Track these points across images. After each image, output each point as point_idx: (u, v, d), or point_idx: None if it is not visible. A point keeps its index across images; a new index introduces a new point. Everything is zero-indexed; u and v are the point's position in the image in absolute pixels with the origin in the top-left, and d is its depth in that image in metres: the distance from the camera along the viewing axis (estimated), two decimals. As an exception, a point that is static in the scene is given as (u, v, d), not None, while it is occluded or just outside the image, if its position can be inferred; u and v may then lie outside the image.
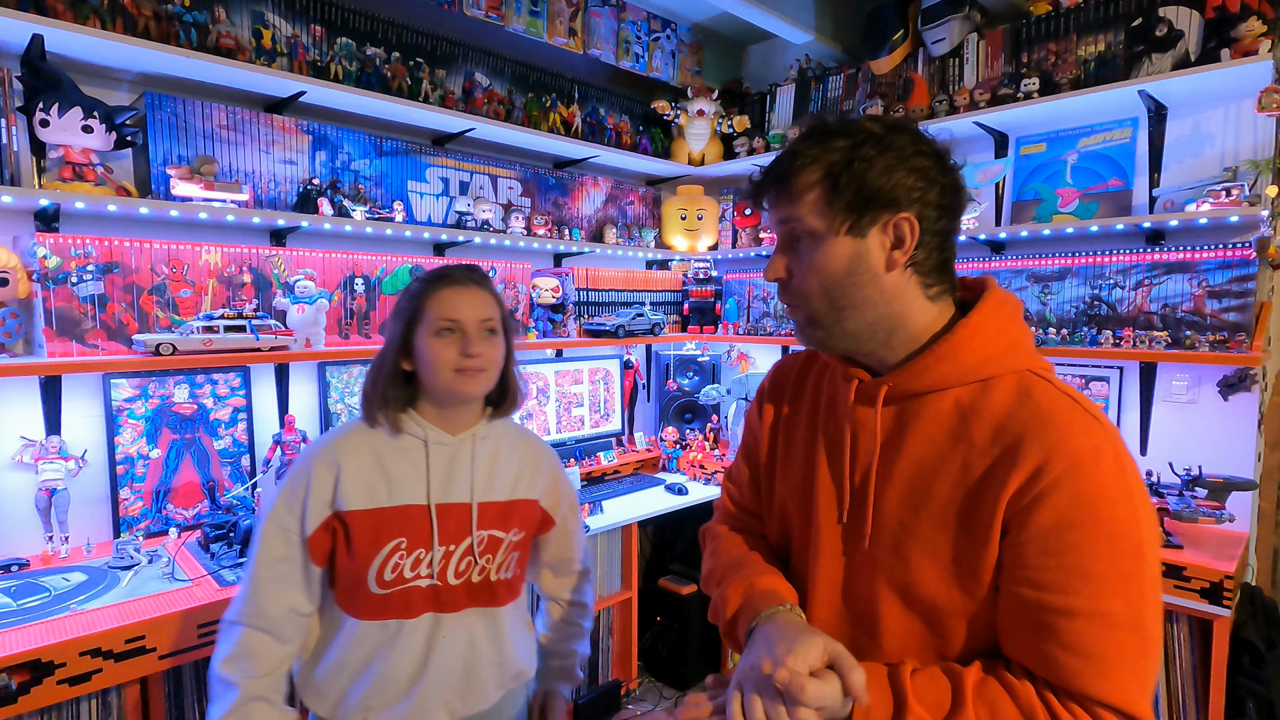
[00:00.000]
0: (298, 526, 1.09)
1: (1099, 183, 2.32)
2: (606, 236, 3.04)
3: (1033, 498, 0.69)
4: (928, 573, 0.76)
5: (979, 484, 0.73)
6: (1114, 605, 0.67)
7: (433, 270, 1.18)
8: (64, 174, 1.71)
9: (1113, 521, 0.68)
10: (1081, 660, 0.67)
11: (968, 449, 0.75)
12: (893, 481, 0.79)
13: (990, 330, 0.78)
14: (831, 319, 0.80)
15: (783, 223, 0.81)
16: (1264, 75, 1.90)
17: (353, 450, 1.13)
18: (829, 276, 0.78)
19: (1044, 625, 0.69)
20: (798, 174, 0.78)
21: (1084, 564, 0.68)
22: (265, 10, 2.07)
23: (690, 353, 3.22)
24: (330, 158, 2.25)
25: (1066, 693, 0.68)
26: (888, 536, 0.79)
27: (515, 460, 1.24)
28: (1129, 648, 0.67)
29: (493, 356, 1.15)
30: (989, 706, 0.69)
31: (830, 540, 0.84)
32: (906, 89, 2.65)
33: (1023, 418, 0.72)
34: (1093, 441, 0.70)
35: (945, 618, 0.76)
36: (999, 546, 0.71)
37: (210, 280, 1.99)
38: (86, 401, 1.89)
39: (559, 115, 2.72)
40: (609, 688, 2.55)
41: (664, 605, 2.81)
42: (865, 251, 0.77)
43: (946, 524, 0.75)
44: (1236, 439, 2.07)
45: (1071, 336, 2.26)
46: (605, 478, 2.89)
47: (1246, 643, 1.77)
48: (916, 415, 0.79)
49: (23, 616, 1.44)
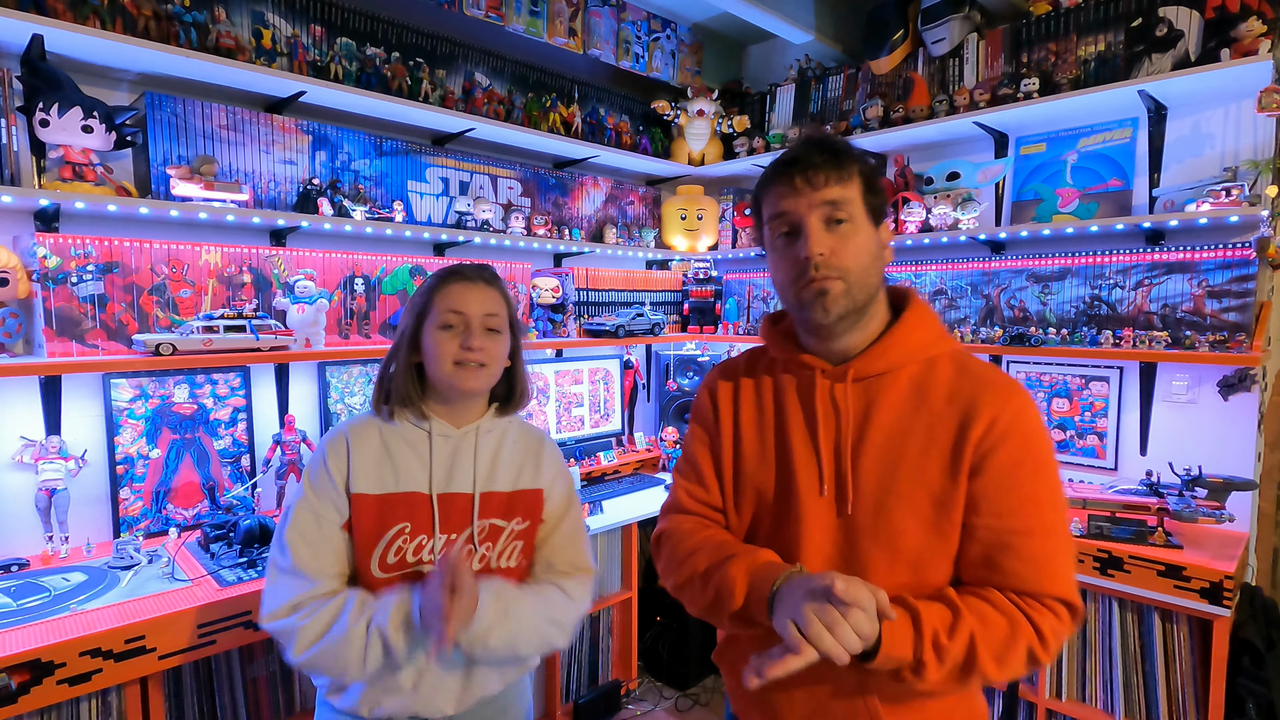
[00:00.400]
0: (332, 512, 1.13)
1: (1099, 183, 2.32)
2: (606, 236, 3.04)
3: (991, 443, 0.88)
4: (910, 524, 0.90)
5: (945, 438, 0.90)
6: (1051, 520, 0.89)
7: (446, 267, 1.22)
8: (64, 174, 1.71)
9: (1045, 458, 0.91)
10: (1036, 568, 0.87)
11: (928, 414, 0.92)
12: (866, 451, 0.93)
13: (925, 322, 0.98)
14: (861, 291, 0.93)
15: (831, 203, 0.91)
16: (1264, 75, 1.90)
17: (363, 435, 1.17)
18: (868, 255, 0.93)
19: (1005, 545, 0.88)
20: (850, 165, 0.92)
21: (1033, 492, 0.89)
22: (265, 10, 2.07)
23: (690, 353, 3.22)
24: (330, 158, 2.25)
25: (1024, 594, 0.87)
26: (869, 500, 0.92)
27: (519, 452, 1.25)
28: (1063, 552, 0.89)
29: (494, 352, 1.17)
30: (977, 612, 0.85)
31: (814, 513, 0.95)
32: (906, 89, 2.65)
33: (970, 385, 0.92)
34: (1023, 399, 0.91)
35: (925, 562, 0.91)
36: (966, 487, 0.89)
37: (210, 280, 1.99)
38: (86, 401, 1.89)
39: (559, 115, 2.72)
40: (609, 688, 2.55)
41: (664, 605, 2.80)
42: (880, 245, 0.96)
43: (923, 477, 0.90)
44: (1236, 439, 2.07)
45: (1071, 336, 2.26)
46: (605, 478, 2.89)
47: (1246, 643, 1.77)
48: (879, 392, 0.94)
49: (23, 616, 1.44)
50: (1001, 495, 0.88)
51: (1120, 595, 1.89)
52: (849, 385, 0.95)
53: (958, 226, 2.44)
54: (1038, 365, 2.44)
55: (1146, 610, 1.87)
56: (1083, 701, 1.99)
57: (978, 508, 0.89)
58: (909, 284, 2.73)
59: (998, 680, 0.86)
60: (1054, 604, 0.87)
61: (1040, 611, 0.86)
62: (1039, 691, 2.03)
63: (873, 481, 0.92)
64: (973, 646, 0.83)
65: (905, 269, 2.74)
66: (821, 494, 0.94)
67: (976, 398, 0.90)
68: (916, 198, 2.56)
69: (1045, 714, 2.03)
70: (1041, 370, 2.44)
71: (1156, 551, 1.82)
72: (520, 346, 1.26)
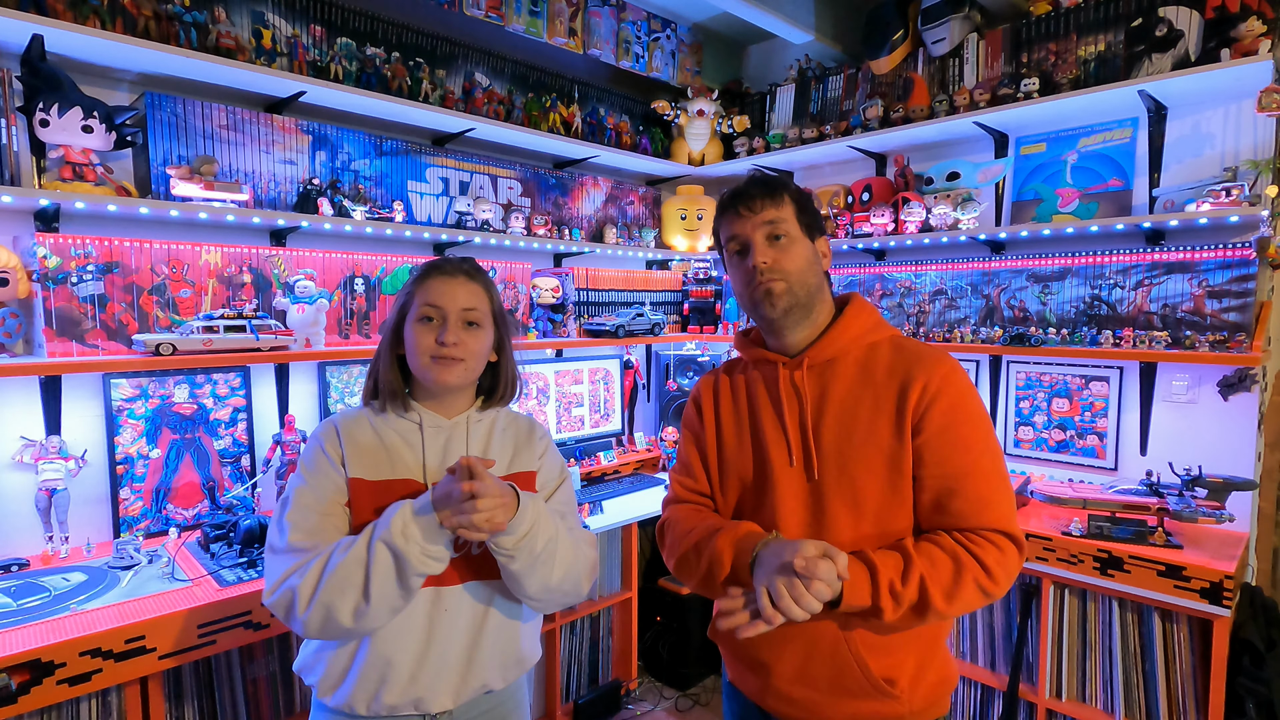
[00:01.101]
0: (333, 491, 1.12)
1: (1099, 183, 2.32)
2: (606, 236, 3.04)
3: (926, 404, 1.05)
4: (869, 481, 1.06)
5: (889, 405, 1.07)
6: (986, 464, 1.04)
7: (430, 261, 1.24)
8: (64, 174, 1.71)
9: (974, 410, 1.07)
10: (977, 505, 1.02)
11: (874, 388, 1.09)
12: (825, 424, 1.10)
13: (864, 314, 1.16)
14: (801, 289, 1.12)
15: (769, 223, 1.12)
16: (1264, 75, 1.90)
17: (354, 426, 1.17)
18: (804, 260, 1.13)
19: (949, 490, 1.03)
20: (781, 192, 1.14)
21: (967, 442, 1.04)
22: (265, 10, 2.07)
23: (690, 353, 3.23)
24: (330, 158, 2.25)
25: (969, 531, 1.02)
26: (832, 464, 1.08)
27: (509, 439, 1.26)
28: (999, 489, 1.04)
29: (472, 347, 1.17)
30: (926, 555, 1.00)
31: (786, 481, 1.11)
32: (906, 89, 2.65)
33: (905, 359, 1.10)
34: (949, 365, 1.08)
35: (885, 514, 1.06)
36: (911, 445, 1.05)
37: (210, 280, 1.99)
38: (86, 401, 1.89)
39: (559, 115, 2.72)
40: (609, 688, 2.55)
41: (664, 605, 2.81)
42: (815, 254, 1.16)
43: (875, 440, 1.06)
44: (1236, 439, 2.07)
45: (1071, 336, 2.26)
46: (605, 478, 2.89)
47: (1246, 643, 1.77)
48: (831, 375, 1.12)
49: (23, 616, 1.44)
50: (940, 447, 1.04)
51: (1120, 595, 1.89)
52: (805, 371, 1.13)
53: (958, 226, 2.44)
54: (1038, 365, 2.44)
55: (1146, 610, 1.87)
56: (1083, 701, 1.99)
57: (922, 460, 1.05)
58: (909, 284, 2.73)
59: (950, 613, 1.00)
60: (995, 536, 1.01)
61: (983, 546, 1.00)
62: (1039, 691, 2.03)
63: (833, 449, 1.08)
64: (924, 588, 0.97)
65: (905, 269, 2.74)
66: (791, 465, 1.11)
67: (910, 368, 1.08)
68: (916, 198, 2.56)
69: (1045, 714, 2.03)
70: (1041, 370, 2.44)
71: (1156, 551, 1.82)
72: (507, 340, 1.25)
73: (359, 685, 1.10)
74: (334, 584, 1.03)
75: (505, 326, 1.25)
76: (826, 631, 1.05)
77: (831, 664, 1.06)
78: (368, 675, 1.10)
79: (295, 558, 1.07)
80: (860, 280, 2.89)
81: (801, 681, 1.08)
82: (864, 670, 1.05)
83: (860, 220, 2.72)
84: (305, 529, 1.09)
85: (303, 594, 1.03)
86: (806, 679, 1.08)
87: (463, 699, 1.15)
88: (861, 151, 2.83)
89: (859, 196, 2.78)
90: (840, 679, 1.06)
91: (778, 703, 1.11)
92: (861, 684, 1.05)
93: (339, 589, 1.03)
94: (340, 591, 1.02)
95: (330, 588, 1.02)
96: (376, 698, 1.10)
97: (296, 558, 1.07)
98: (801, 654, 1.07)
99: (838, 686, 1.06)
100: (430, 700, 1.12)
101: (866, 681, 1.05)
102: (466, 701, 1.16)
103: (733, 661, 1.21)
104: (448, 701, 1.14)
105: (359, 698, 1.10)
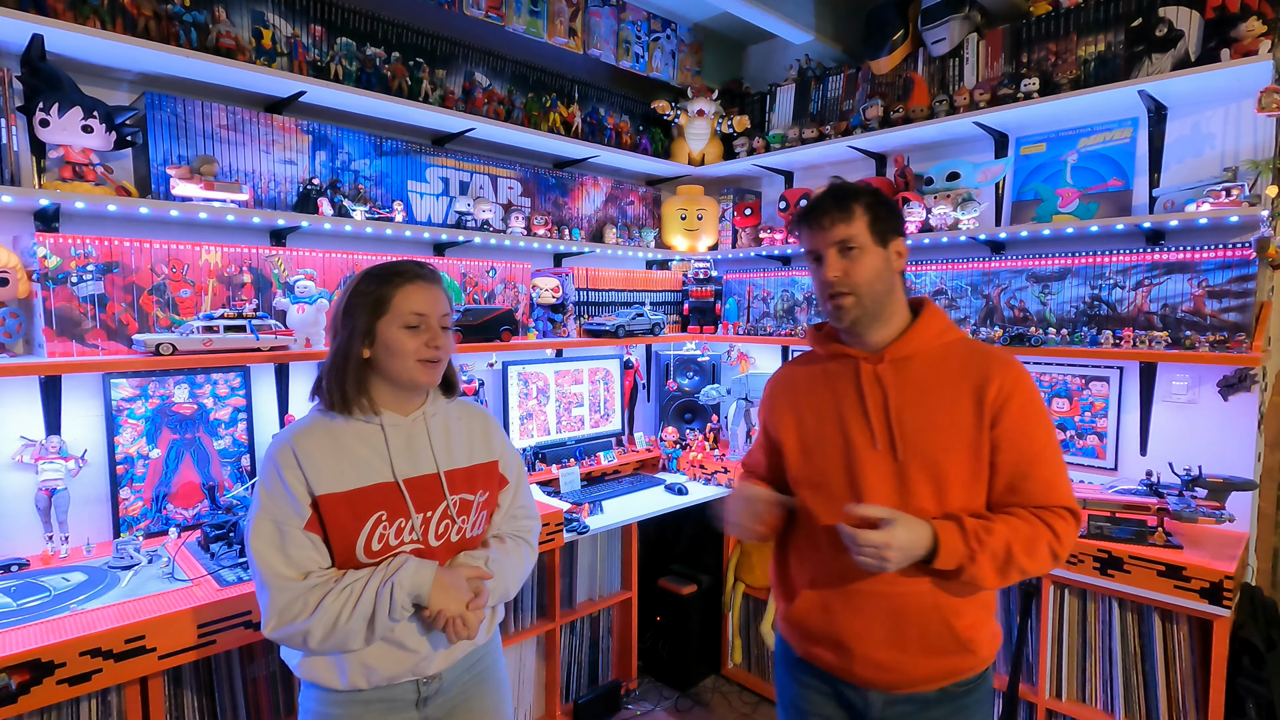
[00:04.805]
0: (293, 517, 1.14)
1: (1099, 183, 2.32)
2: (606, 236, 3.04)
3: (1004, 400, 1.19)
4: (950, 461, 1.20)
5: (967, 399, 1.21)
6: (1051, 452, 1.21)
7: (391, 265, 1.25)
8: (64, 174, 1.71)
9: (1040, 407, 1.23)
10: (1045, 486, 1.19)
11: (952, 381, 1.23)
12: (908, 410, 1.22)
13: (937, 318, 1.30)
14: (874, 301, 1.24)
15: (839, 240, 1.22)
16: (1264, 75, 1.90)
17: (310, 438, 1.18)
18: (873, 272, 1.23)
19: (1023, 473, 1.19)
20: (853, 206, 1.22)
21: (1036, 433, 1.20)
22: (265, 10, 2.07)
23: (690, 353, 3.22)
24: (330, 158, 2.25)
25: (1038, 507, 1.19)
26: (914, 447, 1.21)
27: (465, 429, 1.35)
28: (1062, 473, 1.22)
29: (449, 349, 1.27)
30: (1006, 521, 1.16)
31: (872, 462, 1.23)
32: (906, 89, 2.65)
33: (979, 358, 1.24)
34: (1018, 366, 1.23)
35: (962, 491, 1.20)
36: (989, 434, 1.20)
37: (210, 280, 1.99)
38: (86, 401, 1.89)
39: (559, 115, 2.72)
40: (609, 688, 2.55)
41: (664, 605, 2.81)
42: (887, 259, 1.25)
43: (956, 426, 1.20)
44: (1236, 439, 2.07)
45: (1071, 336, 2.26)
46: (605, 478, 2.89)
47: (1246, 643, 1.77)
48: (909, 368, 1.25)
49: (23, 616, 1.44)
50: (1016, 437, 1.19)
51: (1120, 595, 1.89)
52: (886, 364, 1.26)
53: (958, 226, 2.44)
54: (1038, 365, 2.44)
55: (1146, 610, 1.87)
56: (1083, 701, 1.99)
57: (999, 447, 1.20)
58: (909, 284, 2.73)
59: (1029, 570, 1.15)
60: (1061, 511, 1.18)
61: (1052, 516, 1.17)
62: (1039, 692, 2.03)
63: (915, 434, 1.21)
64: (1008, 542, 1.13)
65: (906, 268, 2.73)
66: (875, 448, 1.23)
67: (986, 367, 1.22)
68: (916, 198, 2.56)
69: (1045, 714, 2.03)
70: (1041, 370, 2.43)
71: (1156, 552, 1.82)
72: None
73: (356, 667, 1.18)
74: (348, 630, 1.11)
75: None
76: (915, 601, 1.19)
77: (921, 628, 1.20)
78: (365, 654, 1.17)
79: (280, 590, 1.11)
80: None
81: (891, 645, 1.21)
82: (951, 631, 1.20)
83: (860, 220, 2.71)
84: (276, 560, 1.12)
85: (314, 634, 1.11)
86: (897, 643, 1.20)
87: (453, 659, 1.27)
88: (861, 151, 2.83)
89: (859, 196, 2.77)
90: (927, 640, 1.20)
91: (865, 668, 1.22)
92: (947, 643, 1.20)
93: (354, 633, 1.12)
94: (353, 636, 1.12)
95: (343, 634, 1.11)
96: (374, 671, 1.18)
97: (281, 589, 1.11)
98: (891, 622, 1.20)
99: (926, 647, 1.20)
100: (425, 665, 1.22)
101: (952, 640, 1.20)
102: (454, 661, 1.27)
103: (803, 641, 1.32)
104: (441, 663, 1.25)
105: (355, 676, 1.18)
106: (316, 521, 1.15)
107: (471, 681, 1.31)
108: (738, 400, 3.05)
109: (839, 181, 1.30)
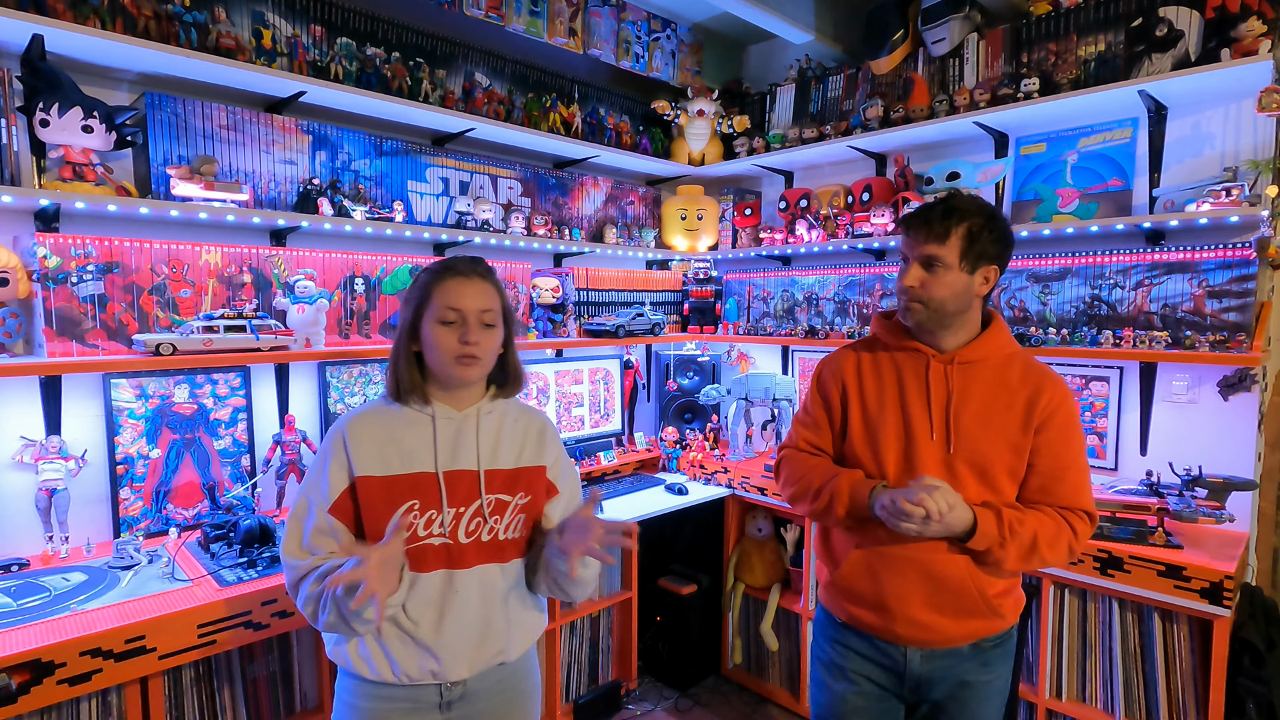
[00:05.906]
0: (321, 499, 1.19)
1: (1099, 183, 2.32)
2: (606, 236, 3.04)
3: (1050, 413, 1.35)
4: (995, 458, 1.34)
5: (1020, 406, 1.36)
6: (1081, 461, 1.38)
7: (442, 261, 1.28)
8: (64, 174, 1.71)
9: (1077, 421, 1.39)
10: (1073, 491, 1.35)
11: (1008, 390, 1.37)
12: (967, 409, 1.37)
13: (1003, 332, 1.44)
14: (943, 314, 1.37)
15: (927, 256, 1.35)
16: (1264, 75, 1.90)
17: (364, 425, 1.24)
18: (949, 291, 1.35)
19: (1057, 477, 1.35)
20: (952, 230, 1.33)
21: (1073, 443, 1.37)
22: (265, 10, 2.07)
23: (690, 353, 3.22)
24: (330, 158, 2.25)
25: (1063, 509, 1.34)
26: (967, 442, 1.35)
27: (519, 432, 1.33)
28: (1087, 479, 1.38)
29: (488, 345, 1.25)
30: (1035, 514, 1.32)
31: (928, 450, 1.37)
32: (906, 89, 2.65)
33: (1034, 374, 1.39)
34: (1064, 385, 1.39)
35: (1001, 485, 1.34)
36: (1032, 439, 1.34)
37: (210, 280, 1.99)
38: (86, 401, 1.89)
39: (559, 115, 2.72)
40: (609, 688, 2.55)
41: (664, 605, 2.81)
42: (971, 283, 1.36)
43: (1006, 429, 1.35)
44: (1236, 439, 2.07)
45: (1071, 336, 2.26)
46: (605, 478, 2.89)
47: (1246, 643, 1.77)
48: (974, 372, 1.40)
49: (23, 616, 1.44)
50: (1055, 445, 1.35)
51: (1120, 595, 1.89)
52: (955, 366, 1.39)
53: (958, 226, 2.44)
54: (1038, 365, 2.44)
55: (1147, 610, 1.87)
56: (1083, 701, 1.99)
57: (1039, 452, 1.35)
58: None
59: (1049, 560, 1.30)
60: (1082, 514, 1.34)
61: (1075, 517, 1.33)
62: (1039, 691, 2.03)
63: (970, 430, 1.36)
64: (1035, 533, 1.28)
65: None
66: (932, 438, 1.37)
67: (1040, 382, 1.37)
68: (916, 198, 2.56)
69: (1045, 714, 2.03)
70: (1041, 370, 2.43)
71: (1157, 551, 1.82)
72: (513, 335, 1.34)
73: (383, 661, 1.19)
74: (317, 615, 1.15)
75: (512, 323, 1.33)
76: (953, 569, 1.33)
77: (957, 594, 1.34)
78: (393, 648, 1.19)
79: (291, 565, 1.18)
80: (860, 280, 2.89)
81: (930, 608, 1.35)
82: (984, 598, 1.34)
83: (860, 220, 2.72)
84: (293, 539, 1.19)
85: (306, 613, 1.16)
86: (935, 605, 1.35)
87: (478, 668, 1.24)
88: (861, 151, 2.83)
89: (859, 196, 2.78)
90: (962, 604, 1.34)
91: (906, 627, 1.37)
92: (979, 608, 1.35)
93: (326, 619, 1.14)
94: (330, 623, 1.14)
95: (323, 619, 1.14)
96: (398, 665, 1.19)
97: (292, 565, 1.18)
98: (930, 587, 1.34)
99: (960, 609, 1.35)
100: (448, 670, 1.21)
101: (985, 605, 1.35)
102: (481, 671, 1.25)
103: (848, 604, 1.45)
104: (464, 671, 1.22)
105: (381, 667, 1.19)
106: (350, 503, 1.19)
107: (501, 700, 1.29)
108: (738, 400, 3.05)
109: (957, 196, 1.37)
